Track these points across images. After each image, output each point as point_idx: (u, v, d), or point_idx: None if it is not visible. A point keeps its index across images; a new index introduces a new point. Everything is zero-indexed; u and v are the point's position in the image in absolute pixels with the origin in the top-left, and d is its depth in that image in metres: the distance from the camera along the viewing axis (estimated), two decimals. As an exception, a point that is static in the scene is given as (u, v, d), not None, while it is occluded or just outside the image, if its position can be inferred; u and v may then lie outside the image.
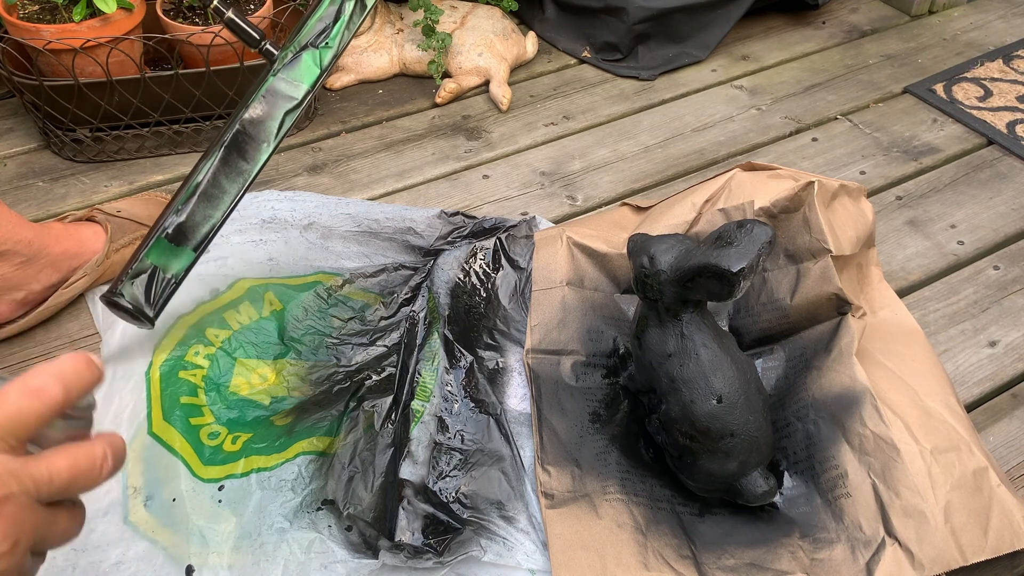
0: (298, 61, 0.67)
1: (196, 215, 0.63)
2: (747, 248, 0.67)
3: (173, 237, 0.63)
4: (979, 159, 1.20)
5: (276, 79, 0.67)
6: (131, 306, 0.61)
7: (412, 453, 0.80)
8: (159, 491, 0.78)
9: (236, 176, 0.65)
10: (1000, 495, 0.71)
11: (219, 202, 0.64)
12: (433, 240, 1.02)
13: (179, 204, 0.63)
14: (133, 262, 0.61)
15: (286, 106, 0.67)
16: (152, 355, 0.90)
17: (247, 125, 0.65)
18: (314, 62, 0.68)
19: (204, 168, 0.64)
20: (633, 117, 1.29)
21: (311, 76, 0.68)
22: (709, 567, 0.72)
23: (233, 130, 0.65)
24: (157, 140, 1.18)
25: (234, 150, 0.65)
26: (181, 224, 0.63)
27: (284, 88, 0.66)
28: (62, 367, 0.43)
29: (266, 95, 0.66)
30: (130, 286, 0.61)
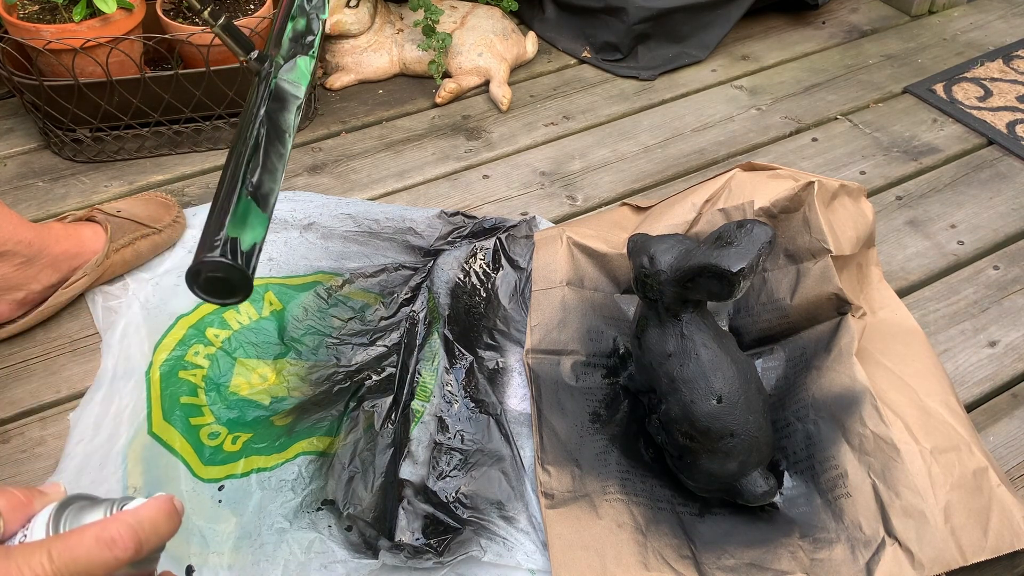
0: (294, 64, 0.70)
1: (264, 184, 0.65)
2: (747, 248, 0.67)
3: (255, 198, 0.63)
4: (979, 159, 1.20)
5: (280, 81, 0.68)
6: (236, 264, 0.59)
7: (412, 453, 0.80)
8: (159, 491, 0.77)
9: (278, 158, 0.67)
10: (1000, 495, 0.71)
11: (276, 175, 0.67)
12: (433, 240, 1.02)
13: (244, 174, 0.64)
14: (215, 231, 0.60)
15: (296, 102, 0.69)
16: (152, 355, 0.90)
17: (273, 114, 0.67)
18: (305, 67, 0.70)
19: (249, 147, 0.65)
20: (633, 117, 1.29)
21: (306, 78, 0.70)
22: (709, 567, 0.72)
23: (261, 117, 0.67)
24: (157, 140, 1.18)
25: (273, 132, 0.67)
26: (256, 187, 0.64)
27: (289, 88, 0.69)
28: (141, 517, 0.43)
29: (275, 92, 0.68)
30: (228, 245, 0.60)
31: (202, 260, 0.59)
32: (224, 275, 0.59)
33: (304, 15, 0.72)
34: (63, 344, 0.93)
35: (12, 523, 0.44)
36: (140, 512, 0.44)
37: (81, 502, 0.46)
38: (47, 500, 0.46)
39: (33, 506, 0.45)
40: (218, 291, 0.60)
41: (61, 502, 0.45)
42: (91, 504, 0.46)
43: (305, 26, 0.72)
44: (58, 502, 0.45)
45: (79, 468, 0.80)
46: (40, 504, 0.45)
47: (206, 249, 0.59)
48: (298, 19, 0.72)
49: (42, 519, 0.44)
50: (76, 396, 0.88)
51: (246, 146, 0.64)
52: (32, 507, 0.45)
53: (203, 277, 0.59)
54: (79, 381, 0.89)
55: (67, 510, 0.45)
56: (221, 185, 0.63)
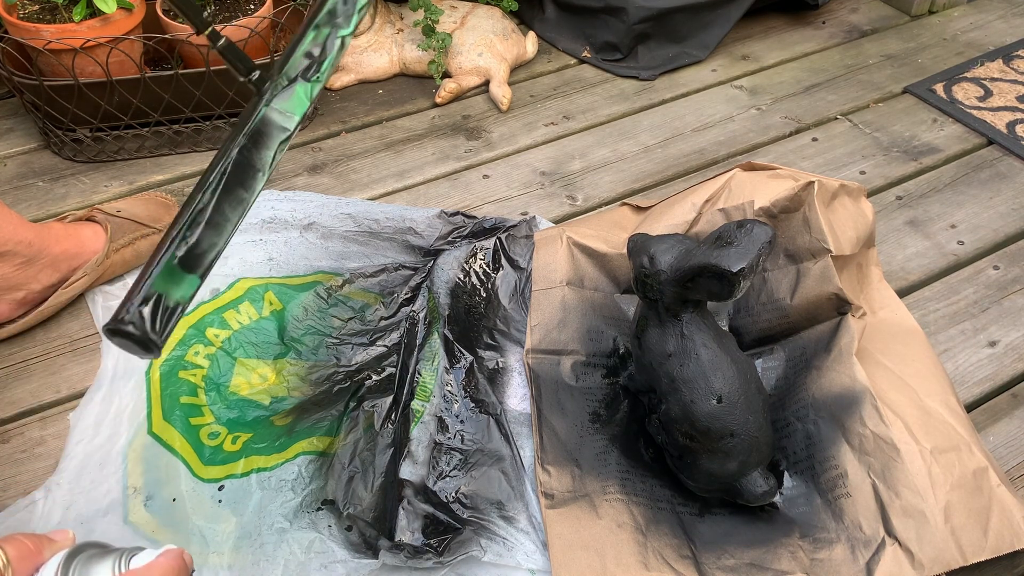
0: (291, 92, 0.66)
1: (203, 242, 0.63)
2: (747, 248, 0.67)
3: (183, 262, 0.62)
4: (979, 159, 1.20)
5: (270, 109, 0.65)
6: (138, 333, 0.60)
7: (412, 453, 0.80)
8: (159, 491, 0.78)
9: (237, 205, 0.64)
10: (1000, 495, 0.71)
11: (223, 230, 0.64)
12: (433, 240, 1.02)
13: (184, 231, 0.63)
14: (137, 290, 0.61)
15: (280, 136, 0.65)
16: (152, 355, 0.90)
17: (246, 153, 0.64)
18: (305, 95, 0.67)
19: (205, 195, 0.63)
20: (633, 117, 1.29)
21: (302, 108, 0.66)
22: (709, 567, 0.72)
23: (232, 158, 0.64)
24: (157, 140, 1.18)
25: (235, 178, 0.64)
26: (190, 250, 0.62)
27: (278, 119, 0.65)
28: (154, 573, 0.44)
29: (262, 125, 0.65)
30: (137, 313, 0.60)
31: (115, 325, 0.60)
32: (134, 340, 0.60)
33: (329, 26, 0.68)
34: (63, 344, 0.93)
35: (21, 573, 0.44)
36: (149, 573, 0.44)
37: (90, 551, 0.46)
38: (56, 548, 0.45)
39: (42, 555, 0.45)
40: (132, 348, 0.61)
41: (70, 551, 0.45)
42: (100, 554, 0.46)
43: (322, 41, 0.68)
44: (67, 551, 0.45)
45: (79, 468, 0.80)
46: (49, 552, 0.45)
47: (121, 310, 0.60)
48: (321, 29, 0.68)
49: (50, 569, 0.44)
50: (76, 396, 0.88)
51: (202, 191, 0.63)
52: (41, 556, 0.45)
53: (117, 336, 0.59)
54: (79, 381, 0.89)
55: (76, 560, 0.45)
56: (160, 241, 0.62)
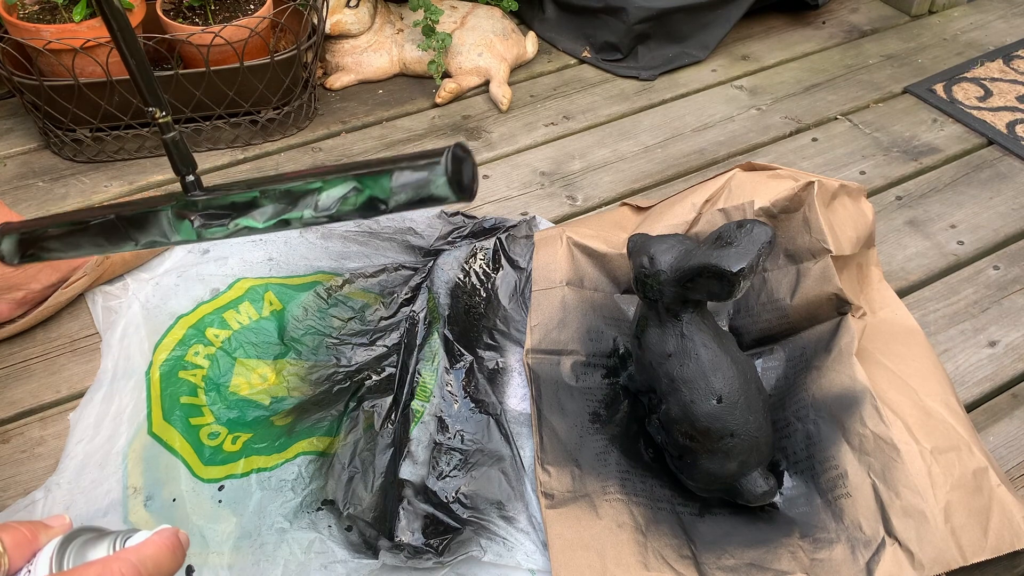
0: (182, 220, 0.61)
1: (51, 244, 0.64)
2: (747, 248, 0.67)
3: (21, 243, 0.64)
4: (979, 159, 1.20)
5: (167, 212, 0.61)
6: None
7: (412, 453, 0.80)
8: (159, 491, 0.78)
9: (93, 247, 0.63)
10: (1000, 495, 0.71)
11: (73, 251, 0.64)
12: (433, 240, 1.02)
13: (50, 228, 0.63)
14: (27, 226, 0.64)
15: (156, 236, 0.62)
16: (152, 355, 0.90)
17: (121, 221, 0.62)
18: (193, 234, 0.62)
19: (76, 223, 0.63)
20: (633, 117, 1.29)
21: (187, 236, 0.62)
22: (709, 567, 0.72)
23: (108, 218, 0.62)
24: (157, 140, 1.18)
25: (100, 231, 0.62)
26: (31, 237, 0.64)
27: (165, 225, 0.62)
28: (144, 554, 0.43)
29: (151, 217, 0.61)
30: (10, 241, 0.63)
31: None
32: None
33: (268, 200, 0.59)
34: (63, 344, 0.93)
35: (16, 559, 0.44)
36: (143, 549, 0.43)
37: (86, 535, 0.46)
38: (52, 534, 0.45)
39: (38, 541, 0.45)
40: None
41: (65, 536, 0.45)
42: (96, 538, 0.46)
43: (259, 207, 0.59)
44: (62, 536, 0.45)
45: (79, 468, 0.80)
46: (45, 538, 0.45)
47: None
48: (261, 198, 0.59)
49: (46, 555, 0.44)
50: (76, 396, 0.88)
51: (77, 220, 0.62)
52: (37, 542, 0.45)
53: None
54: (79, 381, 0.89)
55: (71, 544, 0.45)
56: None
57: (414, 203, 0.55)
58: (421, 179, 0.54)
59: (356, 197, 0.56)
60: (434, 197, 0.55)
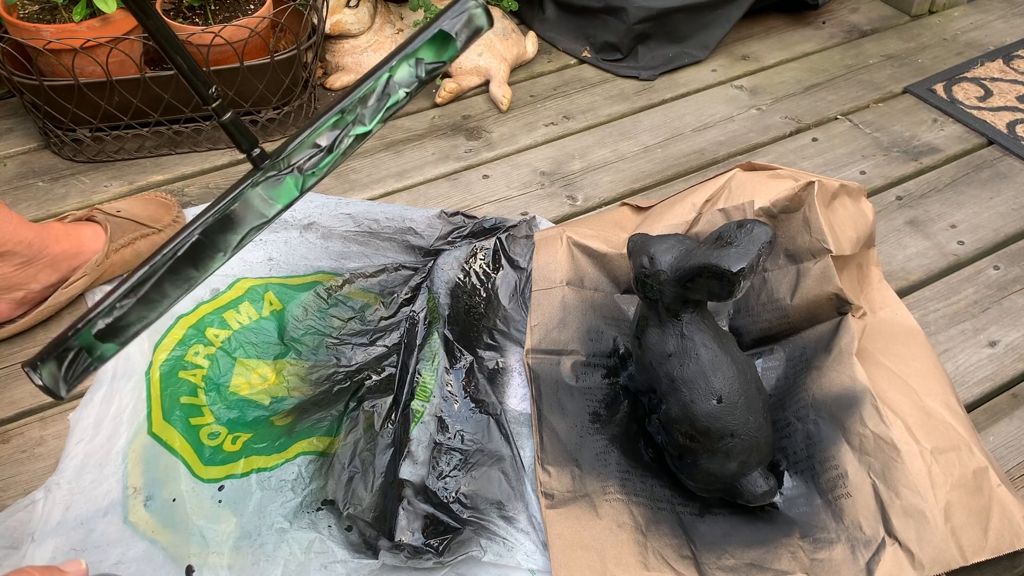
0: (280, 182, 0.62)
1: (131, 316, 0.59)
2: (747, 248, 0.67)
3: (102, 335, 0.60)
4: (979, 159, 1.20)
5: (254, 192, 0.61)
6: (42, 385, 0.60)
7: (412, 453, 0.80)
8: (159, 491, 0.78)
9: (182, 283, 0.60)
10: (1000, 495, 0.71)
11: (158, 306, 0.60)
12: (433, 240, 1.02)
13: (117, 301, 0.60)
14: (62, 340, 0.59)
15: (254, 222, 0.61)
16: (152, 355, 0.90)
17: (210, 234, 0.60)
18: (295, 186, 0.63)
19: (152, 268, 0.60)
20: (633, 117, 1.29)
21: (288, 198, 0.62)
22: (709, 567, 0.72)
23: (192, 240, 0.60)
24: (157, 140, 1.18)
25: (187, 259, 0.60)
26: (112, 324, 0.59)
27: (258, 204, 0.61)
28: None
29: (239, 206, 0.60)
30: (52, 365, 0.59)
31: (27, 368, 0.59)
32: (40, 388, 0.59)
33: (352, 115, 0.63)
34: (63, 344, 0.93)
35: None
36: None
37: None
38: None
39: None
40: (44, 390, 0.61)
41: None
42: None
43: (336, 132, 0.62)
44: None
45: (79, 468, 0.80)
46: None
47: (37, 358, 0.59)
48: (344, 116, 0.62)
49: None
50: (76, 396, 0.88)
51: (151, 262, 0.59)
52: None
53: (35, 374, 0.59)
54: (79, 381, 0.89)
55: None
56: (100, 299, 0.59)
57: (468, 42, 0.64)
58: (467, 17, 0.63)
59: (424, 63, 0.64)
60: (479, 29, 0.64)
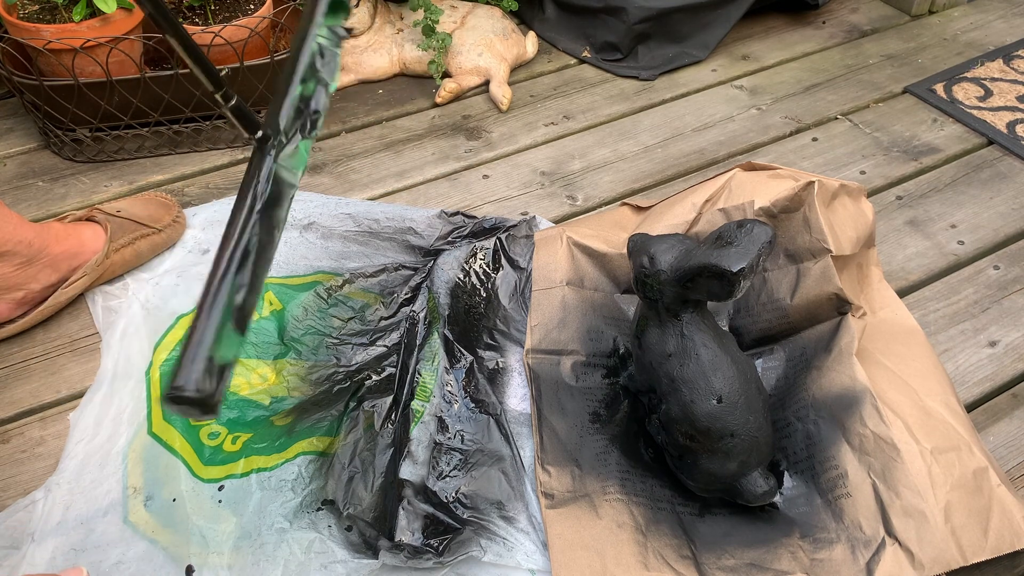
0: (293, 149, 0.65)
1: (246, 305, 0.62)
2: (747, 248, 0.67)
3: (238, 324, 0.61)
4: (979, 159, 1.20)
5: (279, 167, 0.64)
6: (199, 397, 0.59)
7: (412, 453, 0.80)
8: (159, 491, 0.78)
9: (263, 271, 0.63)
10: (1000, 495, 0.71)
11: (259, 284, 0.63)
12: (433, 240, 1.02)
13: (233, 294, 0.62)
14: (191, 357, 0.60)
15: (290, 193, 0.64)
16: (152, 355, 0.90)
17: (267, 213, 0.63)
18: (305, 151, 0.66)
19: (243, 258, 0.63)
20: (633, 117, 1.29)
21: (303, 164, 0.66)
22: (709, 567, 0.72)
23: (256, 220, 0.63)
24: (157, 140, 1.18)
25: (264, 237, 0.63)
26: (240, 308, 0.62)
27: (286, 176, 0.64)
28: None
29: (275, 184, 0.64)
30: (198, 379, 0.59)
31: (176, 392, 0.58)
32: (195, 404, 0.59)
33: (314, 79, 0.66)
34: (63, 344, 0.93)
35: None
36: None
37: None
38: None
39: None
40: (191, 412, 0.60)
41: None
42: None
43: (312, 94, 0.66)
44: None
45: (79, 468, 0.80)
46: None
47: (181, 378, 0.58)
48: (307, 83, 0.66)
49: None
50: (76, 396, 0.88)
51: (234, 253, 0.61)
52: None
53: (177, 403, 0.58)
54: (79, 381, 0.89)
55: None
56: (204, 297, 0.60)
57: None
58: None
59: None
60: None
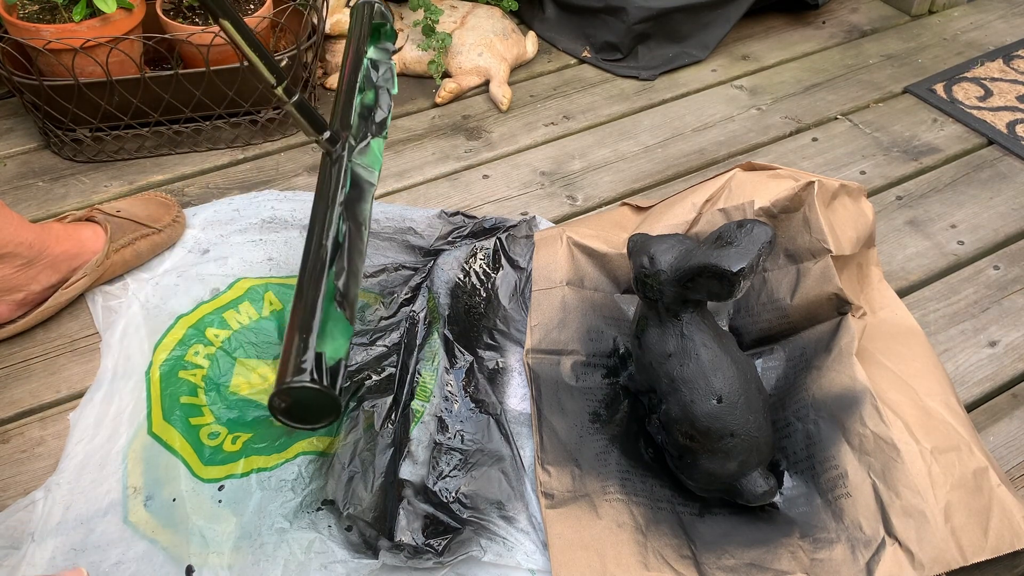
0: (367, 148, 0.66)
1: (350, 293, 0.62)
2: (747, 248, 0.67)
3: (349, 315, 0.61)
4: (979, 159, 1.20)
5: (356, 166, 0.65)
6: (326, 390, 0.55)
7: (412, 453, 0.80)
8: (159, 491, 0.78)
9: (359, 259, 0.65)
10: (1000, 495, 0.71)
11: (360, 277, 0.66)
12: (433, 240, 1.02)
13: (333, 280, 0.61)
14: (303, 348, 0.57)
15: (371, 190, 0.66)
16: (152, 355, 0.90)
17: (352, 207, 0.64)
18: (379, 150, 0.68)
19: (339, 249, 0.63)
20: (633, 117, 1.29)
21: (378, 163, 0.67)
22: (709, 567, 0.72)
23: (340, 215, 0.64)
24: (157, 140, 1.18)
25: (353, 228, 0.64)
26: (343, 300, 0.61)
27: (364, 175, 0.66)
28: None
29: (356, 181, 0.65)
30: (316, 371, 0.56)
31: (290, 385, 0.53)
32: (312, 400, 0.54)
33: (372, 88, 0.66)
34: (63, 344, 0.93)
35: None
36: None
37: None
38: None
39: None
40: (303, 416, 0.55)
41: None
42: None
43: (374, 101, 0.67)
44: None
45: (79, 468, 0.80)
46: None
47: (292, 372, 0.53)
48: (366, 92, 0.66)
49: None
50: (76, 396, 0.88)
51: (326, 244, 0.61)
52: None
53: (289, 403, 0.54)
54: (79, 381, 0.89)
55: None
56: (300, 291, 0.57)
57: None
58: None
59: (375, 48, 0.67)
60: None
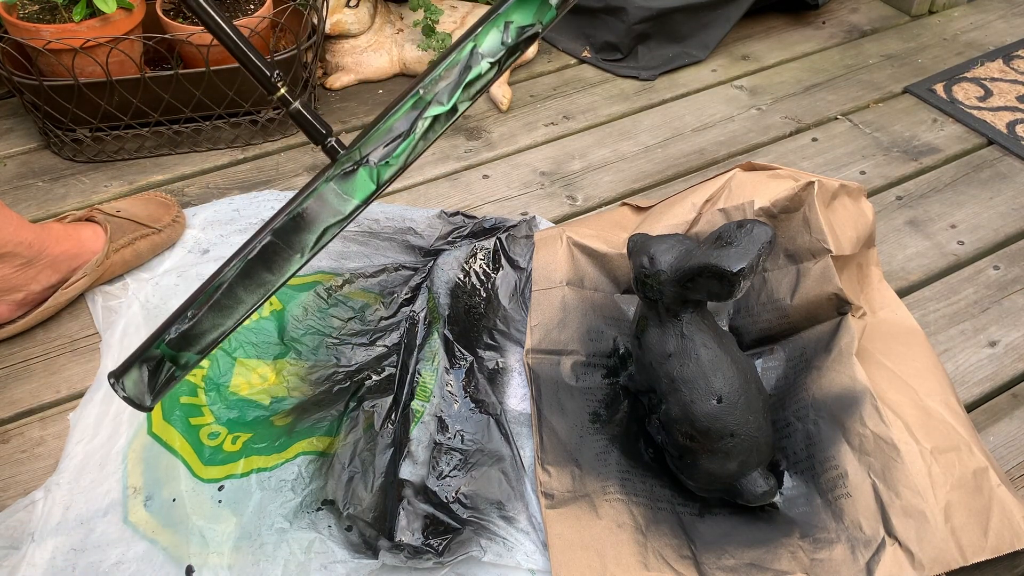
0: (353, 175, 0.59)
1: (204, 323, 0.59)
2: (747, 248, 0.67)
3: (175, 344, 0.59)
4: (979, 159, 1.20)
5: (328, 187, 0.59)
6: (129, 397, 0.60)
7: (412, 453, 0.80)
8: (159, 491, 0.78)
9: (256, 288, 0.59)
10: (1000, 495, 0.71)
11: (232, 312, 0.60)
12: (433, 240, 1.02)
13: (191, 309, 0.60)
14: (143, 350, 0.60)
15: (329, 220, 0.59)
16: (152, 355, 0.90)
17: (281, 235, 0.58)
18: (371, 179, 0.60)
19: (225, 273, 0.59)
20: (633, 117, 1.29)
21: (364, 192, 0.60)
22: (709, 567, 0.72)
23: (264, 242, 0.58)
24: (157, 140, 1.18)
25: (260, 262, 0.59)
26: (186, 332, 0.59)
27: (333, 200, 0.59)
28: None
29: (312, 204, 0.59)
30: (135, 374, 0.60)
31: (112, 379, 0.60)
32: (124, 399, 0.61)
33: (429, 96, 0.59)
34: (63, 344, 0.93)
35: None
36: None
37: None
38: None
39: None
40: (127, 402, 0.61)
41: None
42: None
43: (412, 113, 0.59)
44: None
45: (79, 468, 0.80)
46: None
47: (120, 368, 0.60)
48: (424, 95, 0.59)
49: None
50: (76, 396, 0.88)
51: (225, 267, 0.58)
52: None
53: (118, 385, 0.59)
54: (79, 381, 0.89)
55: None
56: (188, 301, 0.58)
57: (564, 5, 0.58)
58: None
59: (511, 29, 0.58)
60: None
